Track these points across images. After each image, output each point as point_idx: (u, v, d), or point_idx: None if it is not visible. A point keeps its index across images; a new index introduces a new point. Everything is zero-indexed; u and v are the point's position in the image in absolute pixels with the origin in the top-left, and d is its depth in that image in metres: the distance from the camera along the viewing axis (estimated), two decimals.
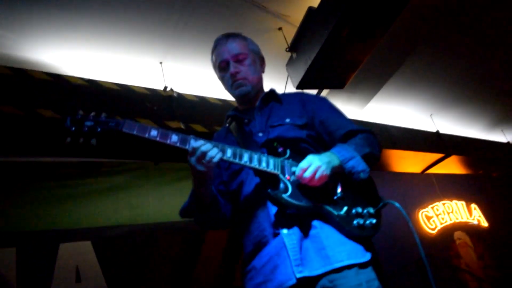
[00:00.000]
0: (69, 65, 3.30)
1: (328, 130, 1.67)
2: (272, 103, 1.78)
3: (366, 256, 1.43)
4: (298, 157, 1.52)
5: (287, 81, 3.57)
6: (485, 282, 5.75)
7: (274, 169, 1.48)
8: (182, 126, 3.36)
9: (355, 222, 1.46)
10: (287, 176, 1.48)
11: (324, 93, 4.12)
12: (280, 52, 3.48)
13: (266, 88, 1.87)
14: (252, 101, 1.78)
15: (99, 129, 1.40)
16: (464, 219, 6.34)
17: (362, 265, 1.40)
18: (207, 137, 3.41)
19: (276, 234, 1.48)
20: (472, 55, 4.51)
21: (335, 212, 1.46)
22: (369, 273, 1.41)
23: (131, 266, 3.13)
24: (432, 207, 6.02)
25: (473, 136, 6.30)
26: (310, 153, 1.49)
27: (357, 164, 1.49)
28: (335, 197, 1.50)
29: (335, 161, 1.49)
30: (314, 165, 1.41)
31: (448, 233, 5.94)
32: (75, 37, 3.13)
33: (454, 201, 6.37)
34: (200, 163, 1.40)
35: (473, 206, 6.59)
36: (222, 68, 1.77)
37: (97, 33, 3.15)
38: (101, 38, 3.20)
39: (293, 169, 1.48)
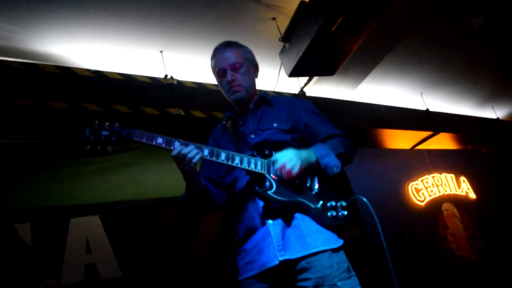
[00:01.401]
0: (76, 57, 3.50)
1: (311, 133, 1.93)
2: (264, 106, 2.02)
3: (339, 242, 1.71)
4: None
5: (280, 69, 3.77)
6: (469, 251, 6.11)
7: (261, 169, 1.74)
8: (182, 113, 3.59)
9: (329, 214, 1.73)
10: (272, 175, 1.74)
11: (316, 78, 4.33)
12: (273, 41, 3.68)
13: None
14: (246, 104, 2.01)
15: (113, 138, 1.62)
16: (453, 191, 6.63)
17: (334, 250, 1.68)
18: (206, 122, 3.66)
19: (263, 224, 1.75)
20: (462, 35, 4.65)
21: (312, 206, 1.73)
22: (341, 256, 1.70)
23: (136, 238, 3.34)
24: (421, 180, 6.29)
25: (463, 113, 6.50)
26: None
27: (331, 160, 1.76)
28: (313, 192, 1.77)
29: (312, 157, 1.75)
30: (292, 162, 1.68)
31: (436, 204, 6.23)
32: (81, 31, 3.31)
33: (444, 174, 6.64)
34: (182, 163, 1.65)
35: (462, 178, 6.87)
36: (220, 75, 1.99)
37: (102, 26, 3.33)
38: (106, 31, 3.38)
39: (275, 166, 1.73)
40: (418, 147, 6.22)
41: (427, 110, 5.82)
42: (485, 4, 1.47)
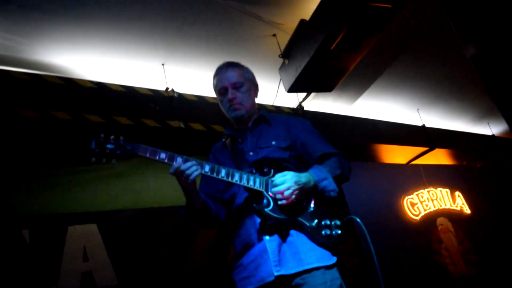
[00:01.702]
0: (79, 68, 3.58)
1: (307, 152, 1.99)
2: (262, 125, 2.09)
3: (332, 260, 1.77)
4: None
5: (279, 84, 3.85)
6: (463, 266, 6.16)
7: (260, 187, 1.81)
8: (182, 125, 3.65)
9: (323, 232, 1.79)
10: (270, 193, 1.80)
11: (314, 93, 4.41)
12: (273, 56, 3.76)
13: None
14: (246, 122, 2.08)
15: (118, 152, 1.69)
16: (448, 206, 6.68)
17: (328, 267, 1.74)
18: (205, 135, 3.71)
19: (260, 239, 1.81)
20: (460, 53, 4.70)
21: (307, 224, 1.80)
22: (334, 273, 1.75)
23: (133, 246, 3.36)
24: (417, 194, 6.34)
25: (459, 129, 6.59)
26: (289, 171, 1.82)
27: (329, 184, 1.82)
28: (309, 211, 1.83)
29: (311, 182, 1.82)
30: (287, 184, 1.73)
31: (431, 219, 6.28)
32: (85, 43, 3.38)
33: (439, 189, 6.69)
34: (180, 179, 1.71)
35: (457, 193, 6.92)
36: (221, 93, 2.07)
37: (105, 39, 3.40)
38: (108, 44, 3.46)
39: (274, 189, 1.79)
40: (414, 162, 6.29)
41: (423, 126, 5.90)
42: (477, 35, 1.54)
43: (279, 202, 1.76)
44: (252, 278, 1.79)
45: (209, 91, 4.02)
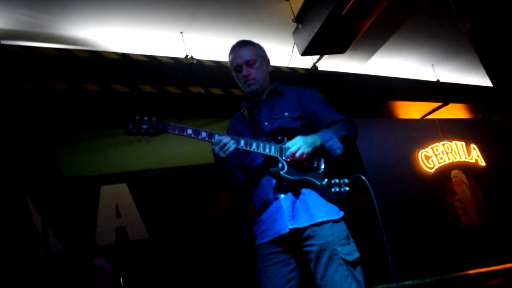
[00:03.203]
0: (103, 40, 3.78)
1: (317, 120, 2.20)
2: (275, 97, 2.28)
3: (340, 214, 2.02)
4: None
5: (293, 47, 3.98)
6: (476, 216, 6.37)
7: (275, 153, 2.04)
8: (202, 91, 3.87)
9: (332, 189, 2.03)
10: (284, 158, 2.04)
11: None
12: (287, 21, 3.86)
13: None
14: (260, 95, 2.29)
15: (151, 131, 1.93)
16: (463, 159, 6.80)
17: (336, 220, 1.99)
18: (224, 99, 3.92)
19: (276, 198, 2.06)
20: None
21: (318, 182, 2.04)
22: (341, 226, 2.01)
23: (161, 202, 3.67)
24: (431, 148, 6.47)
25: (475, 83, 6.59)
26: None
27: (334, 143, 2.04)
28: (319, 172, 2.07)
29: (318, 141, 2.04)
30: (297, 145, 1.97)
31: (445, 171, 6.45)
32: (107, 15, 3.56)
33: (454, 142, 6.80)
34: (222, 150, 1.95)
35: (473, 146, 7.00)
36: (236, 70, 2.27)
37: (126, 10, 3.57)
38: (130, 15, 3.62)
39: (287, 153, 2.03)
40: (430, 117, 6.37)
41: (438, 81, 5.95)
42: (473, 11, 1.65)
43: (290, 158, 1.99)
44: (269, 231, 2.06)
45: (225, 57, 4.17)
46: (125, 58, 3.65)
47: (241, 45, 2.26)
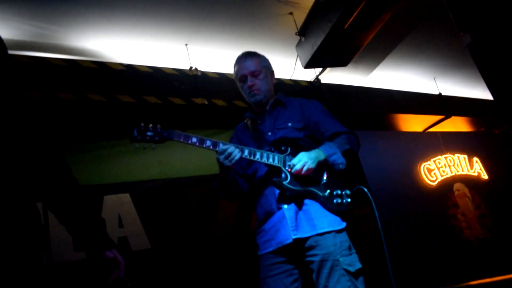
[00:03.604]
0: (108, 51, 3.84)
1: (319, 131, 2.23)
2: (279, 108, 2.32)
3: (342, 225, 2.04)
4: (296, 153, 2.09)
5: (296, 59, 4.03)
6: (478, 230, 6.34)
7: (278, 163, 2.07)
8: (206, 102, 3.91)
9: (334, 200, 2.05)
10: (287, 168, 2.06)
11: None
12: (290, 34, 3.93)
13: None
14: (264, 106, 2.32)
15: (156, 138, 1.96)
16: (465, 172, 6.78)
17: (338, 231, 2.01)
18: (227, 110, 3.96)
19: (279, 208, 2.09)
20: None
21: (320, 194, 2.06)
22: (343, 236, 2.02)
23: (163, 213, 3.67)
24: (434, 161, 6.47)
25: (477, 97, 6.61)
26: (304, 150, 2.07)
27: (338, 158, 2.06)
28: (322, 183, 2.09)
29: (321, 156, 2.06)
30: (302, 162, 1.99)
31: (447, 184, 6.42)
32: (113, 27, 3.62)
33: (457, 155, 6.78)
34: (227, 160, 1.97)
35: (475, 159, 6.99)
36: (241, 80, 2.31)
37: (132, 22, 3.63)
38: (135, 27, 3.68)
39: (291, 162, 2.05)
40: (432, 129, 6.38)
41: (440, 94, 5.98)
42: (473, 25, 1.68)
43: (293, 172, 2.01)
44: (272, 241, 2.08)
45: (229, 69, 4.24)
46: (130, 69, 3.69)
47: (247, 56, 2.31)
